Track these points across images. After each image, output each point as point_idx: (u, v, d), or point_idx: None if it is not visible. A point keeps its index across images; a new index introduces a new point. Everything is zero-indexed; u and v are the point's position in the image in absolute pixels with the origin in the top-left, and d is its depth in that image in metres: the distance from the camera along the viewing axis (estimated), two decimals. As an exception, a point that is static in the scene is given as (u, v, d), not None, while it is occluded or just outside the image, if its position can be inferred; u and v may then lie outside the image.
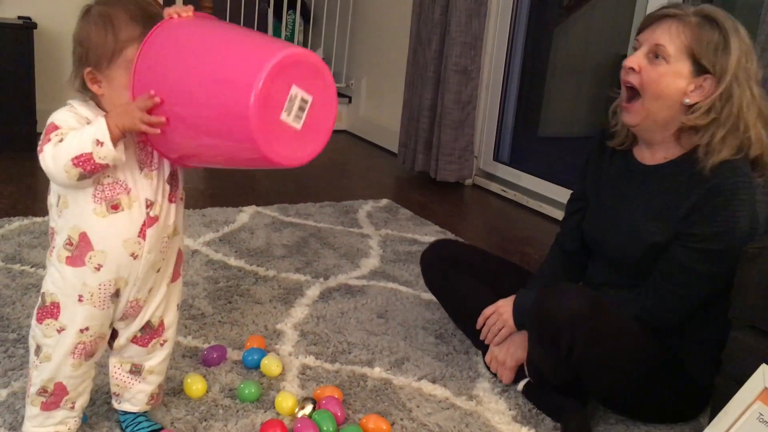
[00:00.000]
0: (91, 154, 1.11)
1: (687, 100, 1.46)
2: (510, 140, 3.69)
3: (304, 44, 4.82)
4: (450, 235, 2.78)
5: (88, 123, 1.15)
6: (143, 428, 1.38)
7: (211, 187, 3.17)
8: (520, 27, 3.56)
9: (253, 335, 1.81)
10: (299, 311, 2.01)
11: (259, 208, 2.86)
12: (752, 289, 1.39)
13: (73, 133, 1.13)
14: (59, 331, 1.23)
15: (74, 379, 1.27)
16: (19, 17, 3.47)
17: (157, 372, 1.38)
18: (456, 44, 3.37)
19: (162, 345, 1.36)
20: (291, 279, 2.22)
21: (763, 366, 1.24)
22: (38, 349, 1.25)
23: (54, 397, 1.27)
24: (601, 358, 1.49)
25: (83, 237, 1.19)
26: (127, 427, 1.40)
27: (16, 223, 2.44)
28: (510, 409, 1.62)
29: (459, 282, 1.87)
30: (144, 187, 1.22)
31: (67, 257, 1.20)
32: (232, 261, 2.31)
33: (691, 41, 1.43)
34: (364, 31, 4.54)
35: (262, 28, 4.68)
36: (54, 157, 1.12)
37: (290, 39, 4.79)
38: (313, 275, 2.27)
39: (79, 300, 1.21)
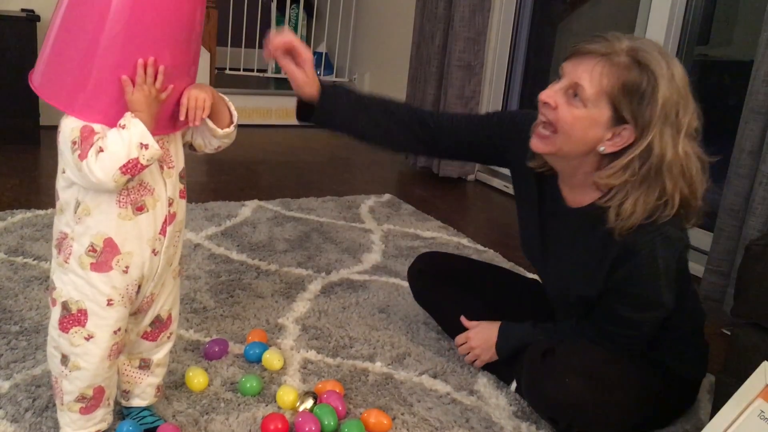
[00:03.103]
0: (137, 159, 1.11)
1: (602, 148, 1.33)
2: (513, 136, 3.68)
3: (308, 39, 4.81)
4: (452, 231, 2.78)
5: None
6: (147, 422, 1.38)
7: (214, 181, 3.18)
8: (524, 22, 3.55)
9: (255, 329, 1.81)
10: (301, 306, 2.01)
11: (262, 203, 2.86)
12: (754, 286, 1.39)
13: (114, 140, 1.10)
14: (87, 338, 1.21)
15: (109, 379, 1.28)
16: (23, 10, 3.47)
17: (163, 364, 1.41)
18: (459, 39, 3.37)
19: (168, 338, 1.38)
20: (293, 273, 2.23)
21: (765, 363, 1.23)
22: (65, 358, 1.23)
23: (94, 400, 1.27)
24: (603, 425, 1.45)
25: (108, 242, 1.18)
26: (132, 418, 1.40)
27: (19, 215, 2.44)
28: (510, 405, 1.62)
29: (443, 295, 1.86)
30: (166, 185, 1.22)
31: (92, 263, 1.18)
32: (234, 255, 2.31)
33: (614, 86, 1.27)
34: (367, 25, 4.53)
35: (266, 21, 4.67)
36: (103, 169, 1.10)
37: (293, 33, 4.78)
38: (315, 270, 2.27)
39: (109, 303, 1.20)
